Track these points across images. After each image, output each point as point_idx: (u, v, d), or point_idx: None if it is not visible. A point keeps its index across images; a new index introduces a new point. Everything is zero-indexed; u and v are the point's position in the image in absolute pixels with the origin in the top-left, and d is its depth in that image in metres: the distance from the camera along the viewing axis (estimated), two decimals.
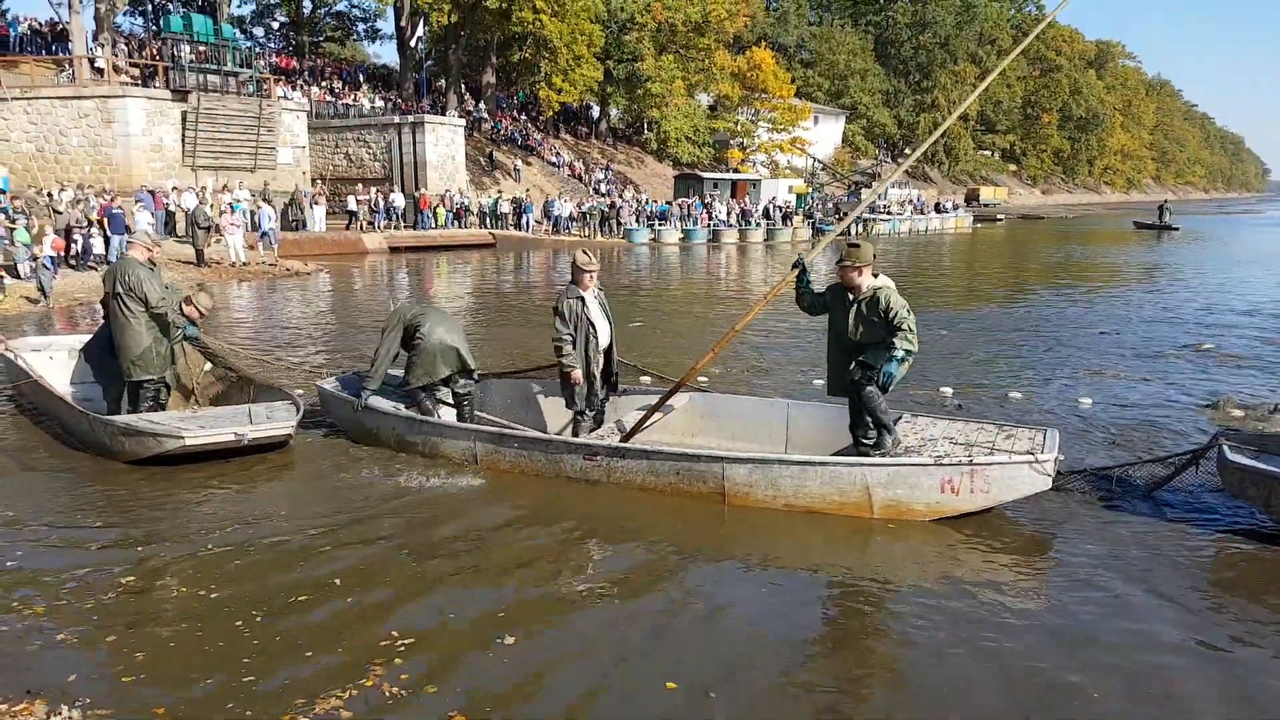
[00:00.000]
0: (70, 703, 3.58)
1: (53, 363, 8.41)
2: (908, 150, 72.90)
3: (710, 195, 37.72)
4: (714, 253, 30.41)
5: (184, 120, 25.28)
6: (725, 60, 48.68)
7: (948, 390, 8.94)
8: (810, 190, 44.74)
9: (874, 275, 5.68)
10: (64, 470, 6.47)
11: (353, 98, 37.94)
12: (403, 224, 29.36)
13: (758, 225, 35.53)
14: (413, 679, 3.76)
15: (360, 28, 53.95)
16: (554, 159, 43.07)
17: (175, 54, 25.62)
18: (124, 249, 7.61)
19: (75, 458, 6.70)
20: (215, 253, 20.52)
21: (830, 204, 43.22)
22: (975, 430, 6.15)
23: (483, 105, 42.74)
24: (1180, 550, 5.14)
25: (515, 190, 35.95)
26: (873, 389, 5.60)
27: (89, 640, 4.07)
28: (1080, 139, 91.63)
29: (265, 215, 21.99)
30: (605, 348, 6.67)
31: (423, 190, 31.04)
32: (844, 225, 7.68)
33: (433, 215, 29.74)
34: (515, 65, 42.77)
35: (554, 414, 7.29)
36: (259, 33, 50.17)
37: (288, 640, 4.08)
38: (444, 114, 36.90)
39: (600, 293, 6.73)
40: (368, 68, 49.82)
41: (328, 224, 27.36)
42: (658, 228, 33.10)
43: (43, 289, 14.91)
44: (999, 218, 55.91)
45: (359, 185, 30.87)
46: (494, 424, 6.92)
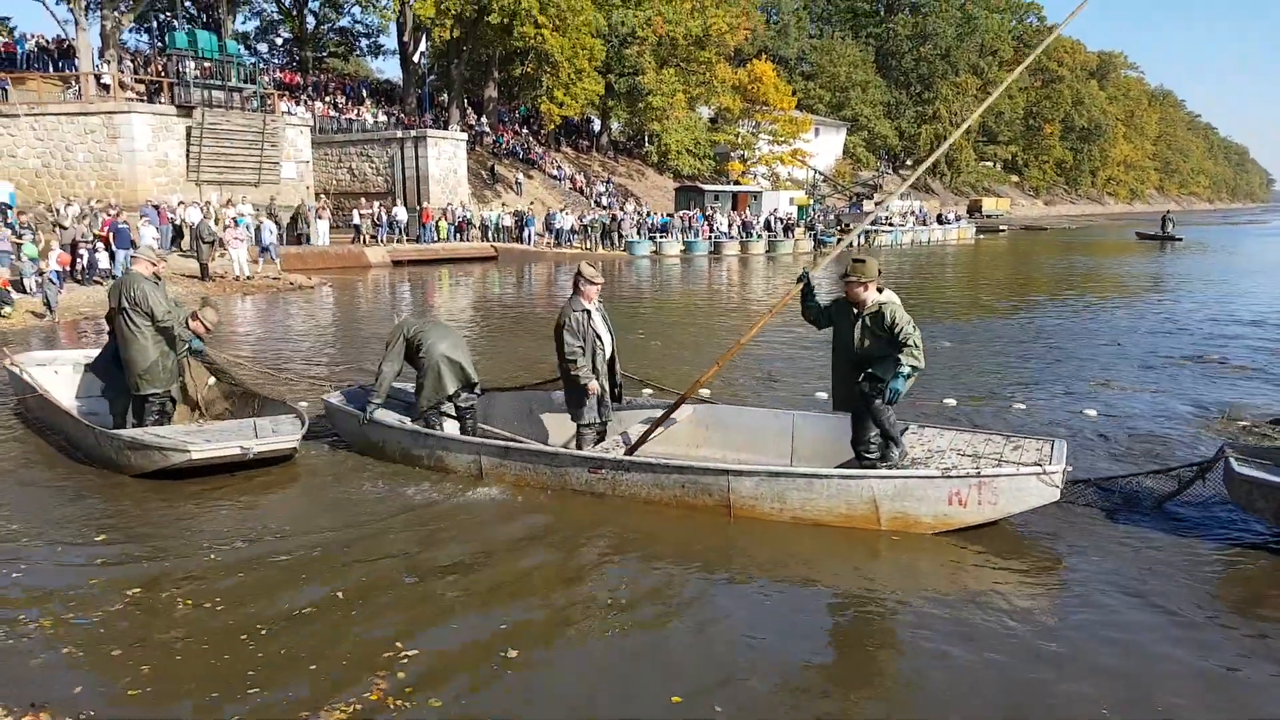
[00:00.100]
0: (75, 715, 3.57)
1: (58, 377, 8.44)
2: (909, 162, 73.10)
3: (711, 207, 37.80)
4: (715, 265, 30.45)
5: (189, 135, 25.40)
6: (726, 73, 48.87)
7: (951, 401, 8.91)
8: (812, 202, 44.82)
9: (879, 290, 5.68)
10: (69, 483, 6.47)
11: (356, 113, 38.13)
12: (405, 237, 29.48)
13: (759, 237, 35.60)
14: (416, 692, 3.75)
15: (363, 43, 54.27)
16: (555, 172, 43.21)
17: (180, 70, 25.77)
18: (129, 264, 7.64)
19: (81, 471, 6.71)
20: (219, 267, 20.60)
21: (832, 215, 43.30)
22: (982, 441, 6.14)
23: (485, 119, 42.93)
24: (1187, 563, 5.11)
25: (517, 203, 36.08)
26: (880, 402, 5.60)
27: (94, 653, 4.06)
28: (1083, 150, 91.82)
29: (267, 230, 22.08)
30: (609, 360, 6.68)
31: (425, 204, 31.15)
32: (848, 240, 7.68)
33: (435, 229, 29.87)
34: (517, 79, 42.93)
35: (557, 427, 7.30)
36: (263, 49, 50.53)
37: (291, 653, 4.07)
38: (446, 128, 37.04)
39: (600, 305, 6.74)
40: (371, 83, 50.08)
41: (332, 238, 27.52)
42: (659, 240, 33.18)
43: (48, 303, 14.97)
44: (1001, 229, 55.95)
45: (362, 199, 31.00)
46: (499, 437, 6.92)
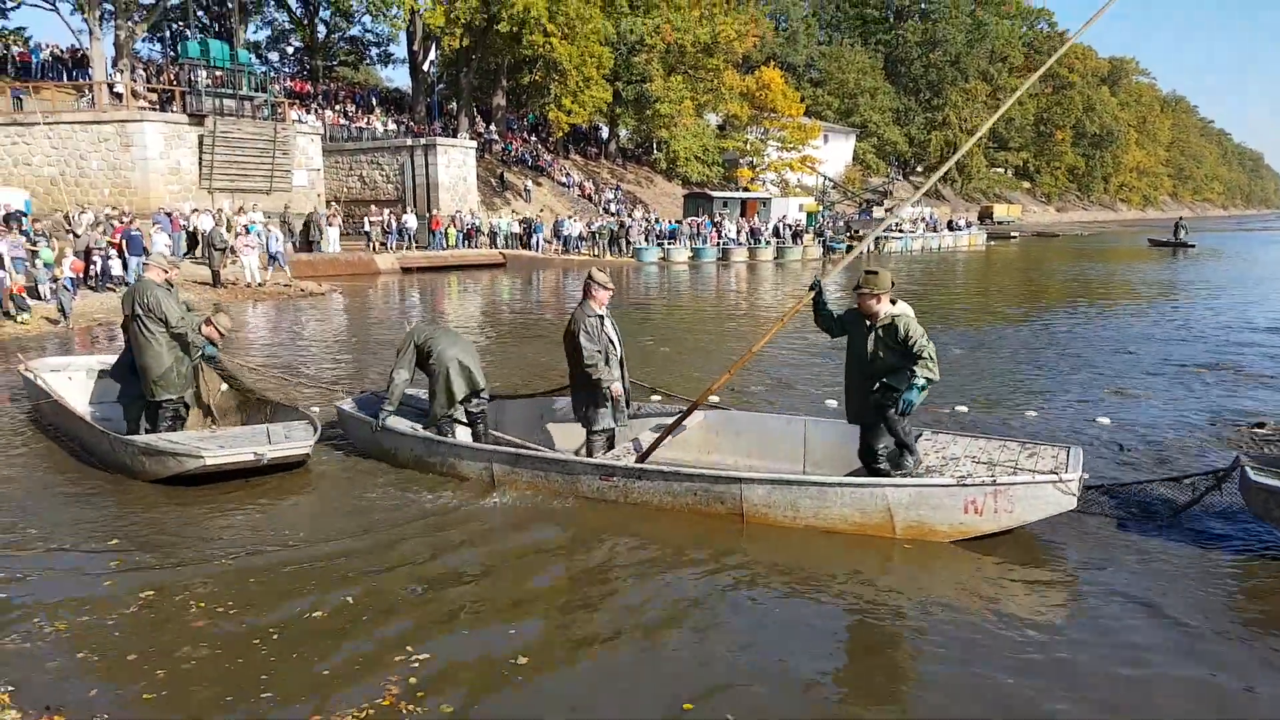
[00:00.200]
0: (90, 718, 3.59)
1: (71, 383, 8.49)
2: (919, 168, 72.96)
3: (720, 214, 37.78)
4: (724, 271, 30.43)
5: (200, 144, 25.56)
6: (734, 80, 48.89)
7: (963, 409, 8.86)
8: (821, 209, 44.76)
9: (892, 302, 5.65)
10: (83, 489, 6.50)
11: (366, 121, 38.33)
12: (415, 244, 29.59)
13: (768, 244, 35.57)
14: (428, 698, 3.75)
15: (373, 52, 54.67)
16: (564, 179, 43.32)
17: (192, 79, 25.94)
18: (141, 271, 7.69)
19: (95, 477, 6.74)
20: (231, 274, 20.70)
21: (841, 222, 43.23)
22: (997, 448, 6.10)
23: (493, 127, 43.08)
24: (1202, 575, 5.05)
25: (526, 210, 36.18)
26: (894, 412, 5.54)
27: (109, 657, 4.07)
28: (1094, 156, 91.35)
29: (274, 238, 22.17)
30: (620, 365, 6.67)
31: (435, 211, 31.26)
32: (859, 250, 7.67)
33: (444, 236, 29.98)
34: (525, 88, 43.11)
35: (567, 433, 7.28)
36: (274, 58, 50.95)
37: (304, 657, 4.08)
38: (455, 136, 37.21)
39: (608, 311, 6.73)
40: (381, 91, 50.35)
41: (343, 245, 27.66)
42: (667, 247, 33.19)
43: (63, 310, 15.09)
44: (1013, 235, 55.73)
45: (372, 207, 31.13)
46: (510, 444, 6.92)
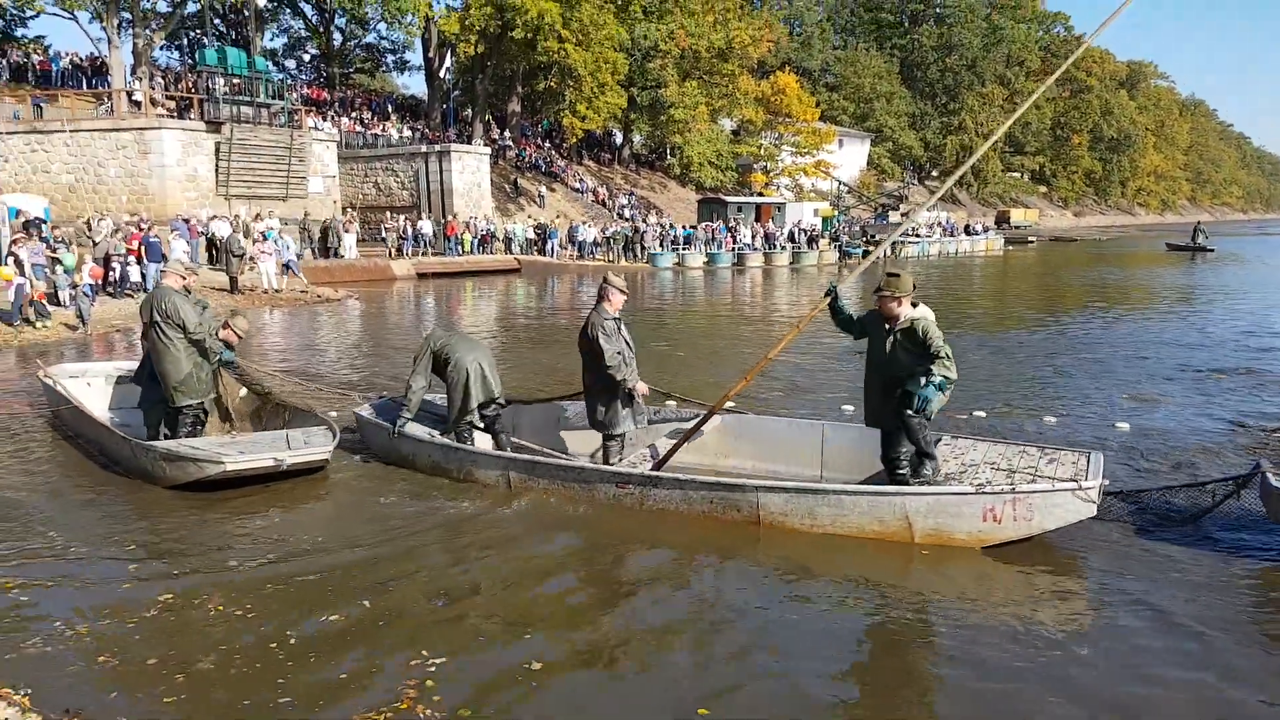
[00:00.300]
0: None
1: (90, 389, 8.53)
2: (935, 173, 72.66)
3: (734, 219, 37.73)
4: (738, 276, 30.39)
5: (218, 151, 25.77)
6: (749, 85, 48.87)
7: (981, 414, 8.80)
8: (836, 213, 44.62)
9: (913, 305, 5.60)
10: (103, 494, 6.54)
11: (382, 128, 38.57)
12: (430, 250, 29.72)
13: (783, 249, 35.50)
14: (446, 702, 3.74)
15: (389, 59, 54.97)
16: (578, 185, 43.40)
17: (210, 86, 26.18)
18: (159, 278, 7.75)
19: (115, 482, 6.78)
20: (248, 280, 20.84)
21: (857, 227, 43.08)
22: (1017, 454, 6.03)
23: (508, 133, 43.24)
24: (1221, 583, 4.97)
25: (541, 216, 36.28)
26: (918, 419, 5.48)
27: (129, 661, 4.08)
28: (1112, 160, 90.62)
29: (286, 245, 22.28)
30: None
31: (450, 217, 31.39)
32: (875, 256, 7.61)
33: (459, 242, 30.08)
34: (540, 94, 43.22)
35: (583, 438, 7.26)
36: (291, 65, 51.31)
37: (322, 662, 4.08)
38: (470, 143, 37.37)
39: (620, 317, 6.72)
40: (396, 98, 50.67)
41: (360, 251, 27.82)
42: (682, 252, 33.18)
43: (81, 316, 15.23)
44: (1030, 240, 55.33)
45: (387, 213, 31.28)
46: (528, 450, 6.93)
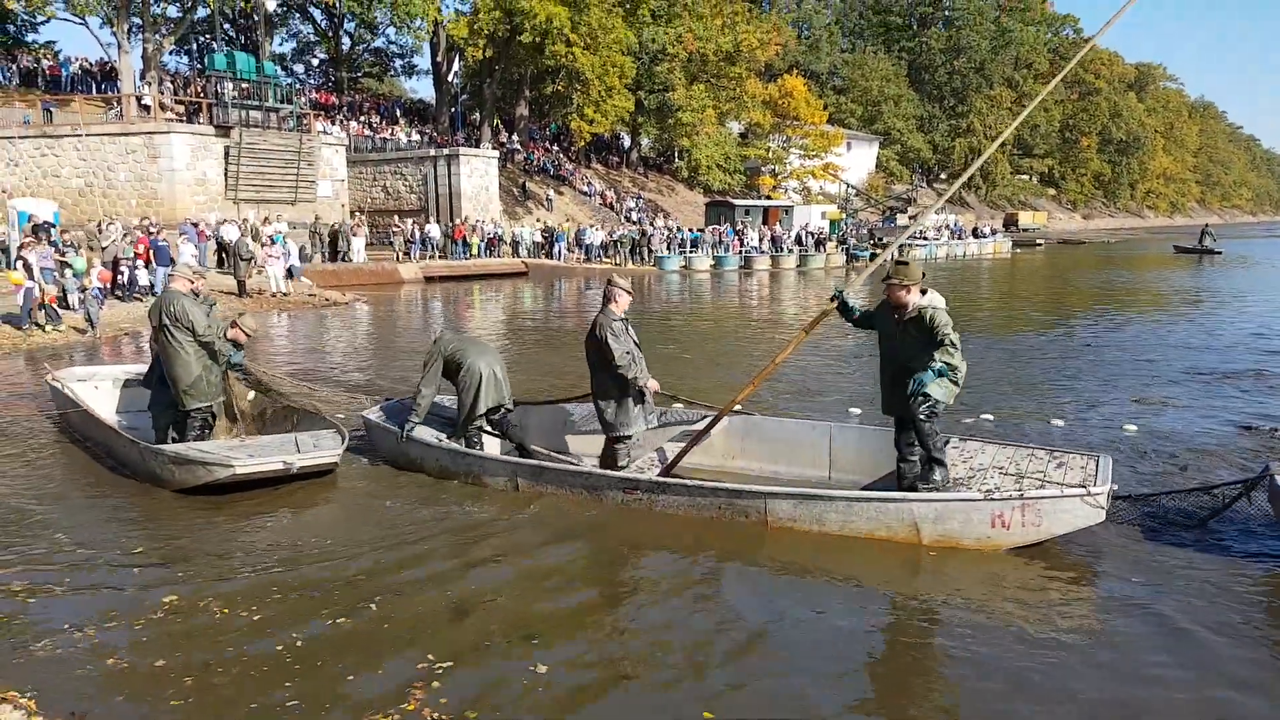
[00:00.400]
0: None
1: (98, 392, 8.55)
2: (943, 175, 72.52)
3: (742, 222, 37.69)
4: (746, 280, 30.34)
5: (227, 155, 25.88)
6: (756, 88, 48.90)
7: (989, 417, 8.75)
8: (844, 216, 44.55)
9: (922, 292, 5.54)
10: (111, 497, 6.54)
11: (390, 132, 38.71)
12: (438, 254, 29.78)
13: (790, 252, 35.45)
14: (452, 704, 3.73)
15: (397, 64, 55.22)
16: (586, 188, 43.45)
17: (219, 91, 26.32)
18: (168, 281, 7.78)
19: (122, 485, 6.78)
20: (256, 283, 20.91)
21: (864, 230, 42.99)
22: (1025, 457, 5.99)
23: (516, 137, 43.34)
24: (1229, 587, 4.91)
25: (548, 219, 36.33)
26: (930, 424, 5.43)
27: (135, 664, 4.08)
28: (1121, 162, 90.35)
29: (287, 251, 22.31)
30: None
31: (458, 221, 31.47)
32: (882, 259, 7.59)
33: (467, 245, 30.14)
34: (548, 97, 43.30)
35: (590, 440, 7.25)
36: (299, 69, 51.64)
37: (329, 665, 4.07)
38: (478, 146, 37.47)
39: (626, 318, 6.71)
40: (404, 102, 50.83)
41: (369, 254, 27.91)
42: (689, 255, 33.17)
43: (90, 320, 15.28)
44: (1038, 242, 55.22)
45: (396, 217, 31.37)
46: (536, 455, 6.92)
